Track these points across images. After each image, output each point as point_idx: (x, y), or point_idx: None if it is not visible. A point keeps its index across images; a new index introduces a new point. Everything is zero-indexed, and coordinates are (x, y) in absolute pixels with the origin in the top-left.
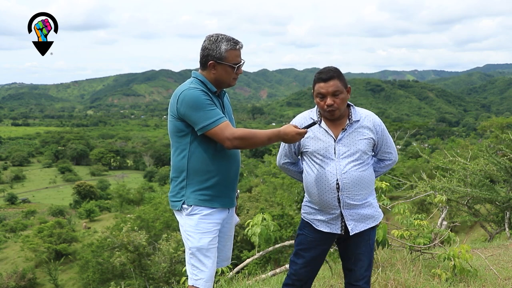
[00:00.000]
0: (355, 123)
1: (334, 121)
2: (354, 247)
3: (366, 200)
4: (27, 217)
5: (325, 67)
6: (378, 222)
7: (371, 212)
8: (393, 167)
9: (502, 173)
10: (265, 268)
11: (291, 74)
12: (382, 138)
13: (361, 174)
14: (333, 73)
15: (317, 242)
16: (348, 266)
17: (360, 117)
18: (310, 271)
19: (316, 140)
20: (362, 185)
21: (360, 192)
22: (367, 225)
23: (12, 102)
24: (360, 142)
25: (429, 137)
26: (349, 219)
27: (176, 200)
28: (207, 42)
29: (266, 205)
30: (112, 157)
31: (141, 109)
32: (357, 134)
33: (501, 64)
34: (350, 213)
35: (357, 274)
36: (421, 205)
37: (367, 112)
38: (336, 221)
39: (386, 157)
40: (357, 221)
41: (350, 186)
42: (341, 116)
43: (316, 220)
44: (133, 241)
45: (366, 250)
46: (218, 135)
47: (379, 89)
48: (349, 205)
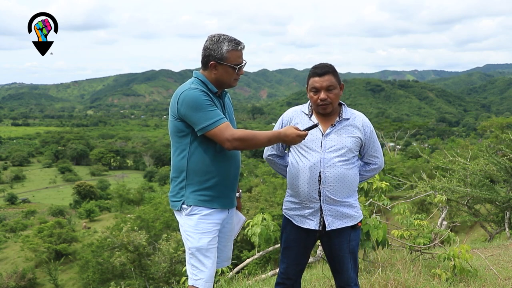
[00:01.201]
0: (345, 120)
1: (324, 116)
2: (337, 249)
3: (347, 200)
4: (27, 217)
5: (320, 63)
6: (356, 222)
7: (350, 212)
8: (393, 167)
9: (502, 173)
10: (265, 268)
11: (291, 74)
12: (369, 140)
13: (344, 171)
14: (328, 69)
15: (299, 240)
16: (334, 268)
17: (350, 115)
18: (298, 269)
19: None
20: (344, 182)
21: (342, 190)
22: (344, 223)
23: (12, 102)
24: (347, 139)
25: (429, 137)
26: (328, 214)
27: (176, 200)
28: (208, 42)
29: (266, 205)
30: (112, 157)
31: (141, 109)
32: (345, 131)
33: (501, 64)
34: (329, 209)
35: (344, 276)
36: (421, 205)
37: (358, 113)
38: (315, 216)
39: (372, 161)
40: (335, 217)
41: (332, 181)
42: (332, 113)
43: (296, 215)
44: (133, 241)
45: (349, 251)
46: (218, 136)
47: (379, 89)
48: (329, 200)
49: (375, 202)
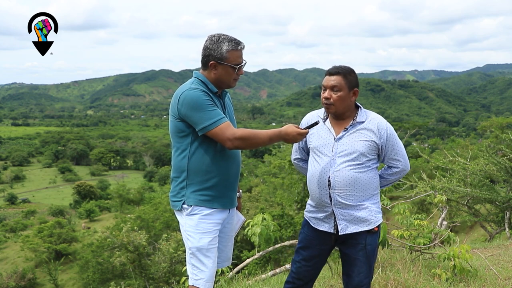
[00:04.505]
0: (359, 124)
1: (339, 120)
2: (351, 252)
3: (362, 203)
4: (27, 217)
5: (340, 65)
6: (372, 227)
7: (366, 215)
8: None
9: (502, 173)
10: (265, 268)
11: (291, 74)
12: (387, 143)
13: (356, 175)
14: (340, 70)
15: (315, 241)
16: (346, 271)
17: (365, 119)
18: (310, 271)
19: (318, 137)
20: (356, 186)
21: (354, 193)
22: (359, 228)
23: (12, 102)
24: (359, 143)
25: (429, 137)
26: (341, 218)
27: (176, 200)
28: (208, 42)
29: (266, 205)
30: (112, 157)
31: (141, 109)
32: (358, 135)
33: (501, 64)
34: (342, 213)
35: (354, 280)
36: (421, 205)
37: (375, 115)
38: (330, 220)
39: (393, 164)
40: (349, 222)
41: (342, 185)
42: (347, 116)
43: (313, 218)
44: (133, 241)
45: (363, 255)
46: (219, 135)
47: (379, 89)
48: (341, 204)
49: None
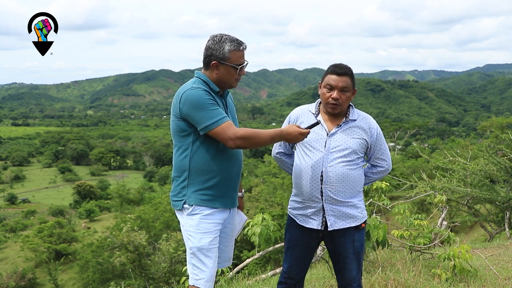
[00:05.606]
0: (351, 121)
1: (331, 116)
2: (340, 249)
3: (350, 200)
4: (27, 217)
5: (341, 63)
6: (359, 223)
7: (354, 212)
8: (393, 167)
9: (502, 173)
10: (265, 268)
11: (291, 74)
12: (376, 142)
13: (347, 171)
14: (347, 70)
15: (302, 239)
16: (337, 268)
17: (357, 117)
18: (300, 269)
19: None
20: (347, 182)
21: (345, 190)
22: (347, 224)
23: (12, 102)
24: (352, 140)
25: (429, 137)
26: (330, 214)
27: (177, 199)
28: (210, 42)
29: (266, 205)
30: (112, 157)
31: (141, 109)
32: (350, 132)
33: (501, 64)
34: (331, 208)
35: (346, 277)
36: (421, 205)
37: (366, 114)
38: (318, 216)
39: (379, 164)
40: (338, 217)
41: (334, 181)
42: (340, 114)
43: (299, 215)
44: (133, 241)
45: (353, 252)
46: (220, 134)
47: (379, 89)
48: (331, 200)
49: (375, 202)
